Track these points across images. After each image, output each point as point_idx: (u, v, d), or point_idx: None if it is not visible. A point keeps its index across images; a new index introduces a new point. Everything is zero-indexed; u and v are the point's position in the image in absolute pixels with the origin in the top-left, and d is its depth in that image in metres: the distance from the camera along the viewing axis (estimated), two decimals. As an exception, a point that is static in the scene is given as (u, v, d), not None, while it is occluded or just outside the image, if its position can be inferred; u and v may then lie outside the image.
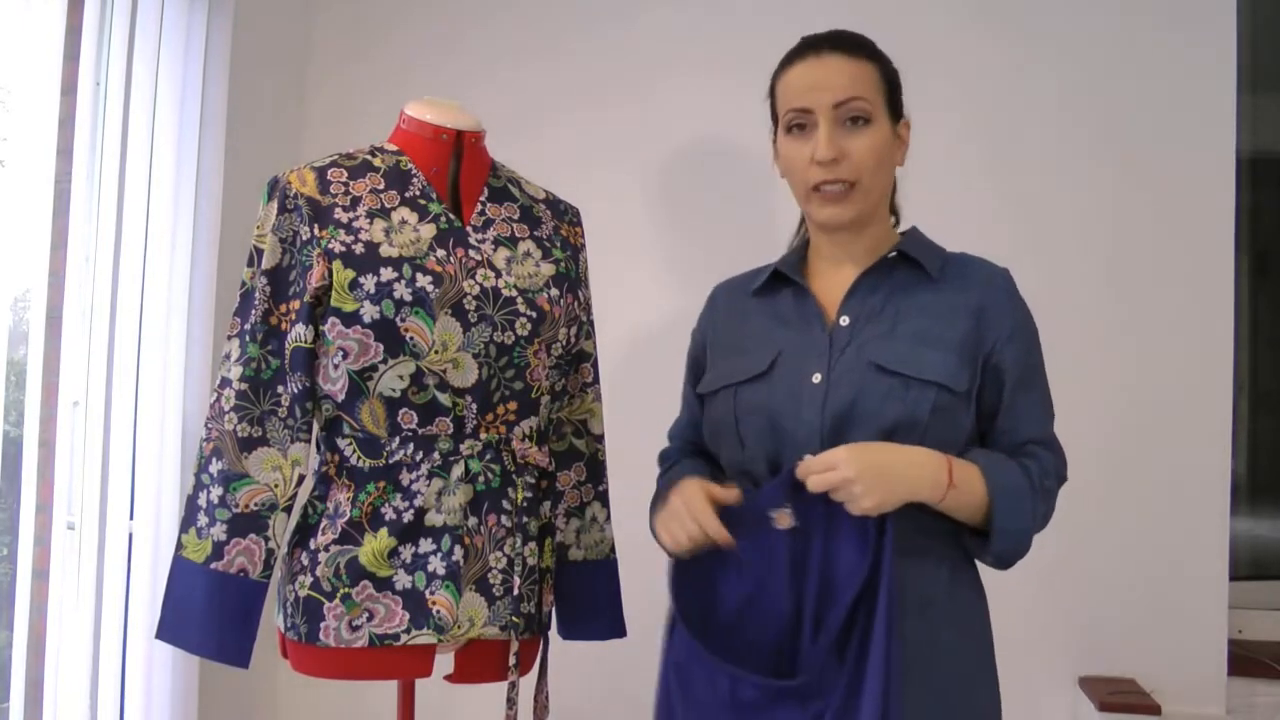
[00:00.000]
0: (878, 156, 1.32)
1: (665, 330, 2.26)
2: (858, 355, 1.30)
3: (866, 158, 1.32)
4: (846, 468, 1.20)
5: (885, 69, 1.36)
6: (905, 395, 1.27)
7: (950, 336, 1.30)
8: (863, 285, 1.36)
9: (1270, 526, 2.40)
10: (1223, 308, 2.04)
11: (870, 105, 1.32)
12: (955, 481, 1.24)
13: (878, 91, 1.33)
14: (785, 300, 1.41)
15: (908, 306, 1.33)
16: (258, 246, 1.53)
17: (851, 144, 1.32)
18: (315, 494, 1.54)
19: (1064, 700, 2.05)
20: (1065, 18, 2.14)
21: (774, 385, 1.34)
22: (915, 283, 1.36)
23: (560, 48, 2.40)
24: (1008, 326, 1.33)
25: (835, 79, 1.32)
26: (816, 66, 1.34)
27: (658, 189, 2.33)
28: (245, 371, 1.51)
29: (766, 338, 1.39)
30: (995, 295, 1.34)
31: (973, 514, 1.27)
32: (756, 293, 1.45)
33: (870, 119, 1.32)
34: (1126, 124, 2.10)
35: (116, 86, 1.91)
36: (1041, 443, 1.33)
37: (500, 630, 1.51)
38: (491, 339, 1.50)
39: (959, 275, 1.36)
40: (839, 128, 1.32)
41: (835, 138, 1.31)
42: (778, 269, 1.44)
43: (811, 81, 1.33)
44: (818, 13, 1.54)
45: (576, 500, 1.70)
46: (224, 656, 1.48)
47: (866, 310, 1.34)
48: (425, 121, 1.58)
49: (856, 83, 1.32)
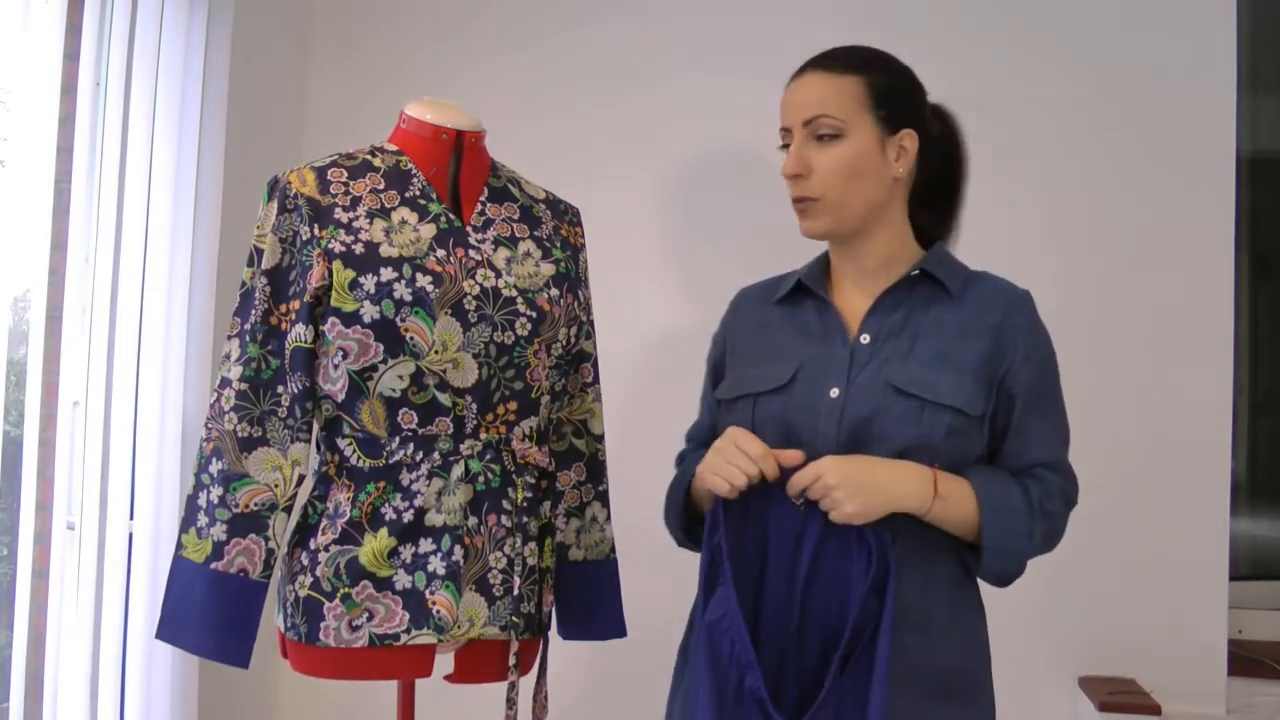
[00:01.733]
0: (846, 170, 1.33)
1: (668, 330, 2.27)
2: (876, 374, 1.32)
3: (829, 172, 1.33)
4: (830, 475, 1.24)
5: (876, 80, 1.35)
6: (920, 417, 1.28)
7: (968, 359, 1.31)
8: (884, 303, 1.37)
9: (1270, 526, 2.40)
10: (1223, 308, 2.04)
11: (841, 121, 1.33)
12: (941, 493, 1.26)
13: (857, 105, 1.33)
14: (808, 312, 1.42)
15: (928, 326, 1.34)
16: (258, 246, 1.53)
17: (817, 159, 1.34)
18: (315, 494, 1.54)
19: (1064, 700, 2.05)
20: (1065, 18, 2.14)
21: (793, 398, 1.35)
22: (936, 302, 1.36)
23: (562, 48, 2.39)
24: (1023, 349, 1.33)
25: (808, 96, 1.35)
26: (796, 86, 1.38)
27: (665, 188, 2.32)
28: (245, 371, 1.51)
29: (789, 350, 1.40)
30: (1014, 318, 1.35)
31: (963, 529, 1.30)
32: (780, 301, 1.46)
33: (842, 134, 1.33)
34: (1127, 124, 2.10)
35: (116, 86, 1.91)
36: (1049, 466, 1.34)
37: (500, 630, 1.51)
38: (491, 339, 1.50)
39: (979, 296, 1.37)
40: (809, 144, 1.35)
41: (802, 154, 1.34)
42: (801, 280, 1.44)
43: (791, 100, 1.38)
44: (832, 12, 1.54)
45: (576, 500, 1.70)
46: (224, 656, 1.48)
47: (887, 328, 1.35)
48: (425, 121, 1.58)
49: (828, 99, 1.34)
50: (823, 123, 1.33)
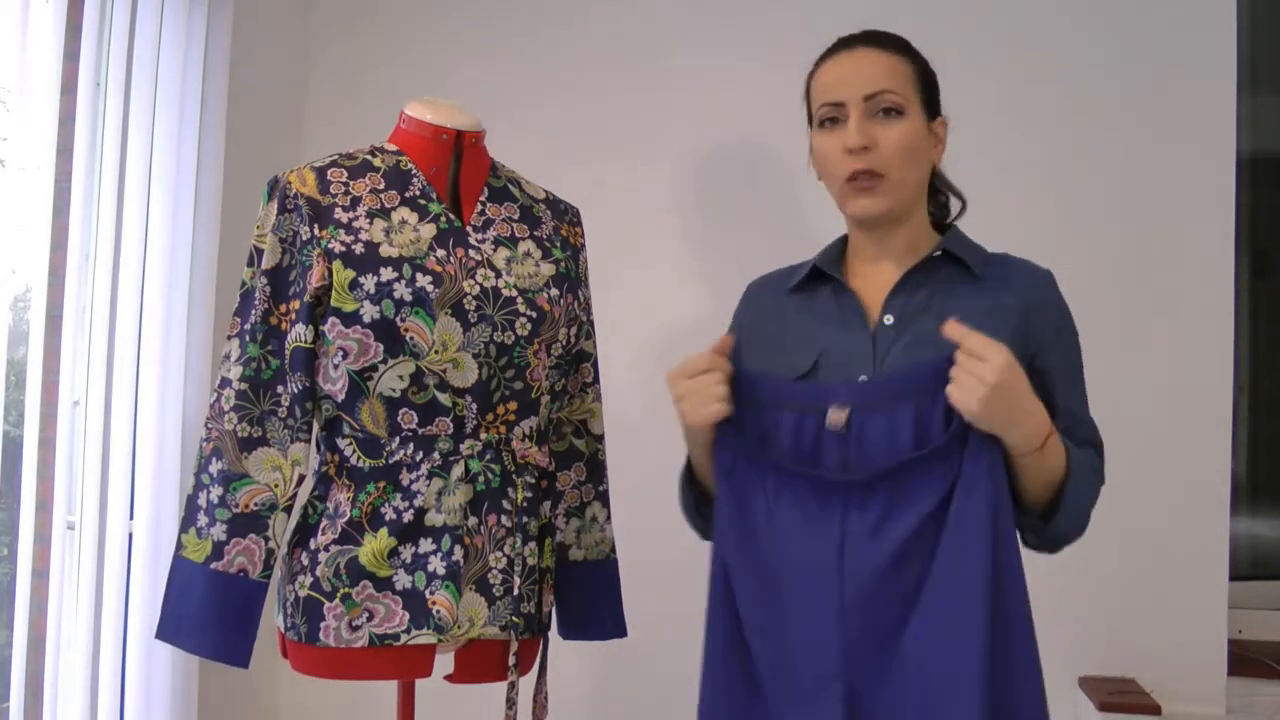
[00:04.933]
0: (908, 148, 1.32)
1: (669, 330, 2.27)
2: (904, 357, 1.29)
3: (896, 148, 1.31)
4: (993, 364, 1.16)
5: (920, 66, 1.36)
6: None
7: (996, 336, 1.26)
8: (907, 284, 1.35)
9: (1270, 526, 2.40)
10: (1223, 308, 2.04)
11: (902, 98, 1.32)
12: (1047, 447, 1.23)
13: (911, 86, 1.33)
14: (824, 298, 1.40)
15: (952, 306, 1.31)
16: (258, 246, 1.53)
17: (882, 134, 1.31)
18: (315, 494, 1.54)
19: (1064, 700, 2.04)
20: (1065, 18, 2.14)
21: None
22: (959, 282, 1.34)
23: (562, 44, 2.39)
24: (1053, 328, 1.32)
25: (867, 71, 1.33)
26: (848, 60, 1.35)
27: (668, 185, 2.32)
28: (245, 371, 1.51)
29: (808, 337, 1.37)
30: (1040, 296, 1.33)
31: (1043, 485, 1.26)
32: (794, 290, 1.43)
33: (903, 111, 1.32)
34: (1126, 124, 2.10)
35: (116, 86, 1.91)
36: (1092, 444, 1.34)
37: (500, 630, 1.51)
38: (491, 339, 1.50)
39: (1002, 276, 1.35)
40: (870, 119, 1.32)
41: (865, 127, 1.31)
42: (816, 265, 1.42)
43: (843, 75, 1.34)
44: (840, 9, 1.54)
45: (576, 500, 1.70)
46: (224, 657, 1.48)
47: (911, 309, 1.33)
48: (425, 121, 1.58)
49: (888, 75, 1.32)
50: (887, 98, 1.31)
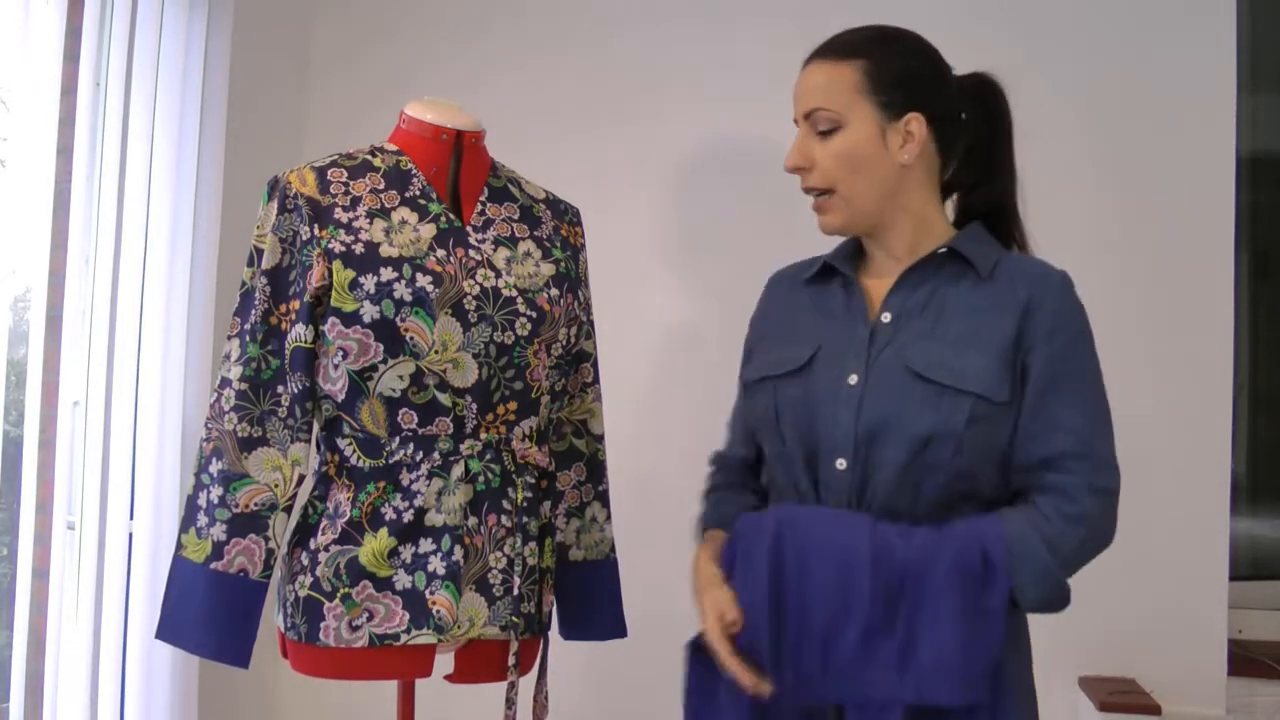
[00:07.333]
0: (847, 160, 1.31)
1: (670, 330, 2.27)
2: (896, 358, 1.27)
3: (830, 165, 1.31)
4: None
5: (877, 65, 1.31)
6: (939, 404, 1.23)
7: (993, 339, 1.26)
8: (908, 280, 1.33)
9: (1270, 526, 2.40)
10: (1223, 308, 2.04)
11: (837, 112, 1.30)
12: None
13: (853, 93, 1.30)
14: (835, 292, 1.39)
15: (953, 304, 1.29)
16: (258, 246, 1.53)
17: (817, 152, 1.32)
18: (315, 494, 1.54)
19: (1064, 700, 2.04)
20: (1065, 18, 2.14)
21: (811, 383, 1.31)
22: (963, 281, 1.31)
23: (566, 47, 2.39)
24: (1046, 326, 1.26)
25: (806, 89, 1.34)
26: (800, 77, 1.36)
27: (669, 186, 2.32)
28: (245, 371, 1.51)
29: (809, 330, 1.37)
30: (1042, 295, 1.28)
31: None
32: (809, 281, 1.43)
33: (839, 125, 1.31)
34: (1126, 124, 2.10)
35: (116, 86, 1.91)
36: (1075, 455, 1.25)
37: (500, 630, 1.51)
38: (491, 339, 1.50)
39: (1010, 274, 1.30)
40: (811, 137, 1.33)
41: (804, 146, 1.33)
42: (828, 261, 1.41)
43: (795, 93, 1.36)
44: (832, 14, 1.53)
45: (576, 500, 1.70)
46: (224, 657, 1.48)
47: (910, 306, 1.31)
48: (425, 121, 1.58)
49: (824, 90, 1.32)
50: (820, 115, 1.31)
